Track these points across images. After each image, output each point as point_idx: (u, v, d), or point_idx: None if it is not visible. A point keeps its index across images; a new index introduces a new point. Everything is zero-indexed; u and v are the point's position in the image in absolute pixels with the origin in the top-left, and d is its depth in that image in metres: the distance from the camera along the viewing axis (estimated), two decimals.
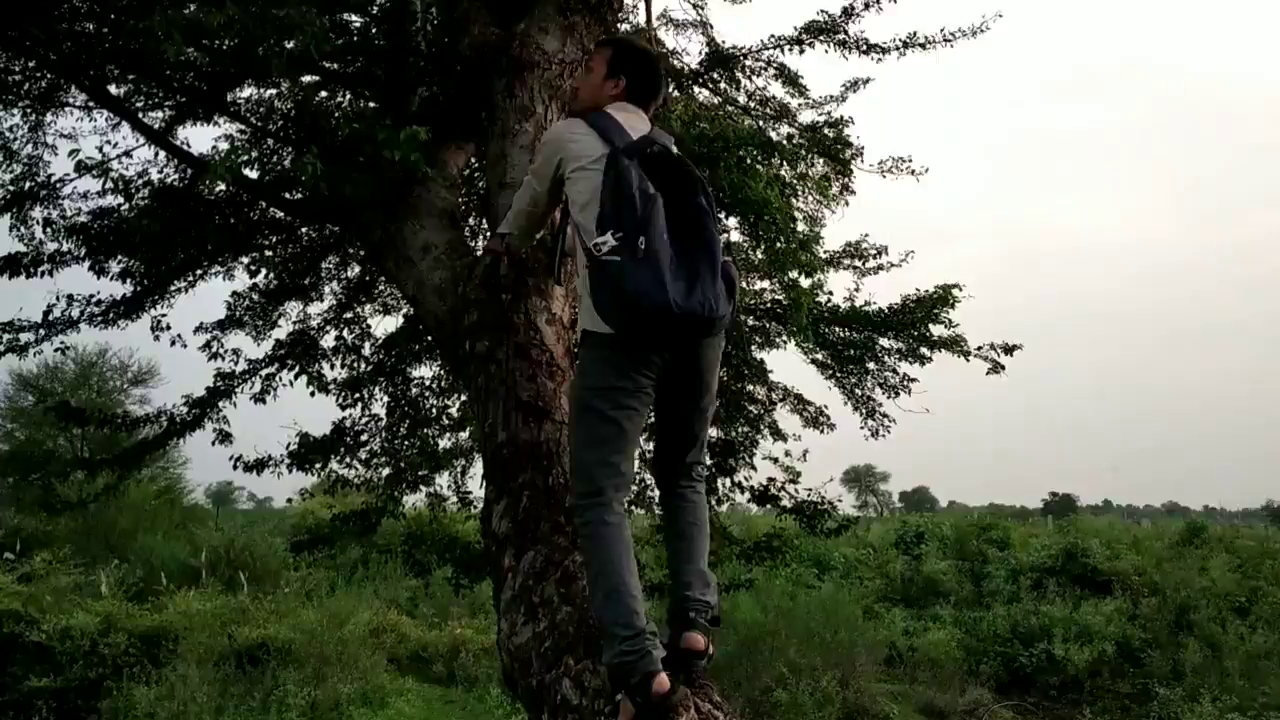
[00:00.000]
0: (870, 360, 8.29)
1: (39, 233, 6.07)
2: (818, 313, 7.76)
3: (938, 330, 7.94)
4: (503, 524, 3.54)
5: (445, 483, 8.80)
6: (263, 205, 6.15)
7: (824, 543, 18.75)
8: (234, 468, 7.51)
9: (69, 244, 6.00)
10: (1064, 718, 14.46)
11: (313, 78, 6.16)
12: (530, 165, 3.55)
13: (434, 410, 8.13)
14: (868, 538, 25.30)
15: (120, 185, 5.67)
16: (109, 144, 6.13)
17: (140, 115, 5.86)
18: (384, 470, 8.17)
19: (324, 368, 7.59)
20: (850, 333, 8.25)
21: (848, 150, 7.58)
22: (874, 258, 8.41)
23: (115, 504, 17.42)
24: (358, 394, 7.75)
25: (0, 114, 6.02)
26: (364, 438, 7.88)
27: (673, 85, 7.23)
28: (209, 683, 11.08)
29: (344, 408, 7.75)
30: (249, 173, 5.47)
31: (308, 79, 6.13)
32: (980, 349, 7.97)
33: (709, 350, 3.16)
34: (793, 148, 7.14)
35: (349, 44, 6.09)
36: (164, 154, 6.08)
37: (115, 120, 6.02)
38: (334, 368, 7.65)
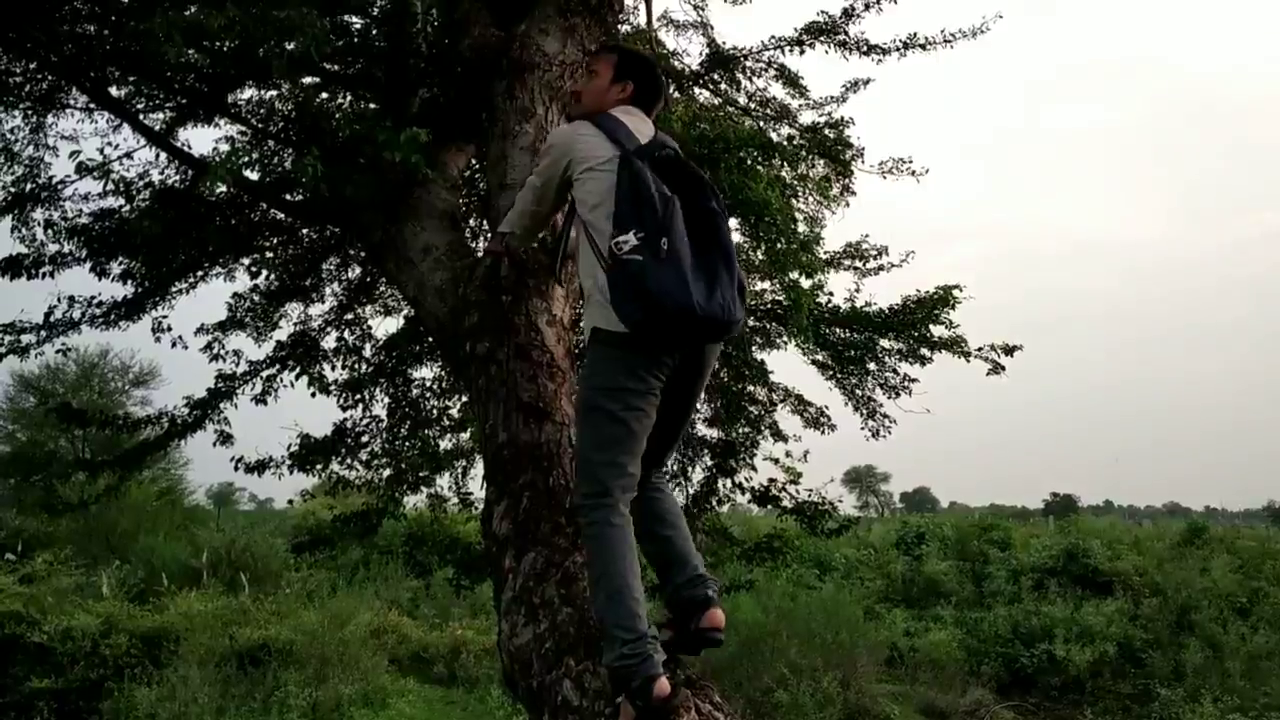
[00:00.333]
0: (871, 361, 8.29)
1: (40, 234, 6.08)
2: (818, 313, 7.76)
3: (938, 331, 7.94)
4: (503, 525, 3.54)
5: (446, 484, 8.80)
6: (263, 207, 6.15)
7: (825, 543, 18.75)
8: (235, 469, 7.54)
9: (70, 245, 6.00)
10: (1065, 718, 14.45)
11: (313, 79, 6.15)
12: (535, 166, 3.52)
13: (435, 411, 8.13)
14: (869, 538, 25.30)
15: (121, 187, 5.67)
16: (110, 146, 6.14)
17: (141, 117, 5.86)
18: (385, 471, 8.17)
19: (325, 369, 7.60)
20: (851, 333, 8.24)
21: (848, 151, 7.59)
22: (874, 258, 8.41)
23: (116, 505, 17.45)
24: (359, 395, 7.75)
25: (1, 115, 6.02)
26: (365, 439, 7.88)
27: (673, 86, 7.24)
28: (210, 684, 11.09)
29: (345, 409, 7.75)
30: (250, 174, 5.47)
31: (308, 80, 6.13)
32: (981, 350, 7.96)
33: (711, 354, 3.22)
34: (793, 149, 7.14)
35: (349, 45, 6.09)
36: (165, 155, 6.07)
37: (116, 122, 6.03)
38: (335, 369, 7.66)
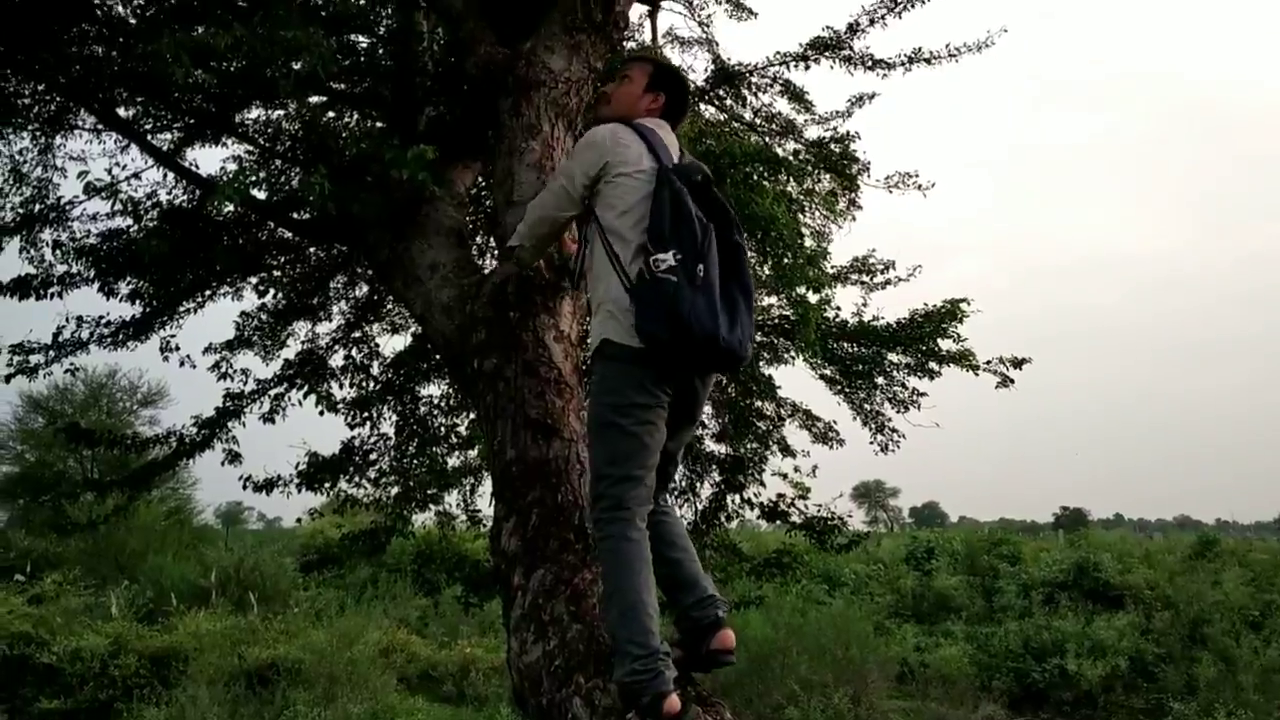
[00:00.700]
0: (879, 375, 8.29)
1: (48, 254, 6.10)
2: (826, 328, 7.76)
3: (946, 345, 7.95)
4: (512, 542, 3.53)
5: (454, 501, 8.80)
6: (271, 225, 6.17)
7: (834, 559, 18.67)
8: (243, 488, 7.55)
9: (78, 265, 6.01)
10: None
11: (320, 98, 6.18)
12: (564, 168, 3.43)
13: (442, 429, 8.13)
14: (878, 553, 25.22)
15: (129, 207, 5.69)
16: (118, 166, 6.16)
17: (149, 137, 5.89)
18: (393, 489, 8.17)
19: (333, 387, 7.60)
20: (858, 348, 8.24)
21: (854, 166, 7.60)
22: (881, 273, 8.41)
23: (125, 525, 17.43)
24: (366, 413, 7.75)
25: (10, 137, 6.05)
26: (373, 457, 7.88)
27: None
28: (219, 704, 11.08)
29: (353, 427, 7.76)
30: (257, 193, 5.49)
31: (315, 99, 6.15)
32: (989, 363, 7.96)
33: (711, 379, 3.28)
34: (799, 164, 7.16)
35: (356, 64, 6.12)
36: (172, 175, 6.11)
37: (124, 143, 6.05)
38: (343, 387, 7.67)
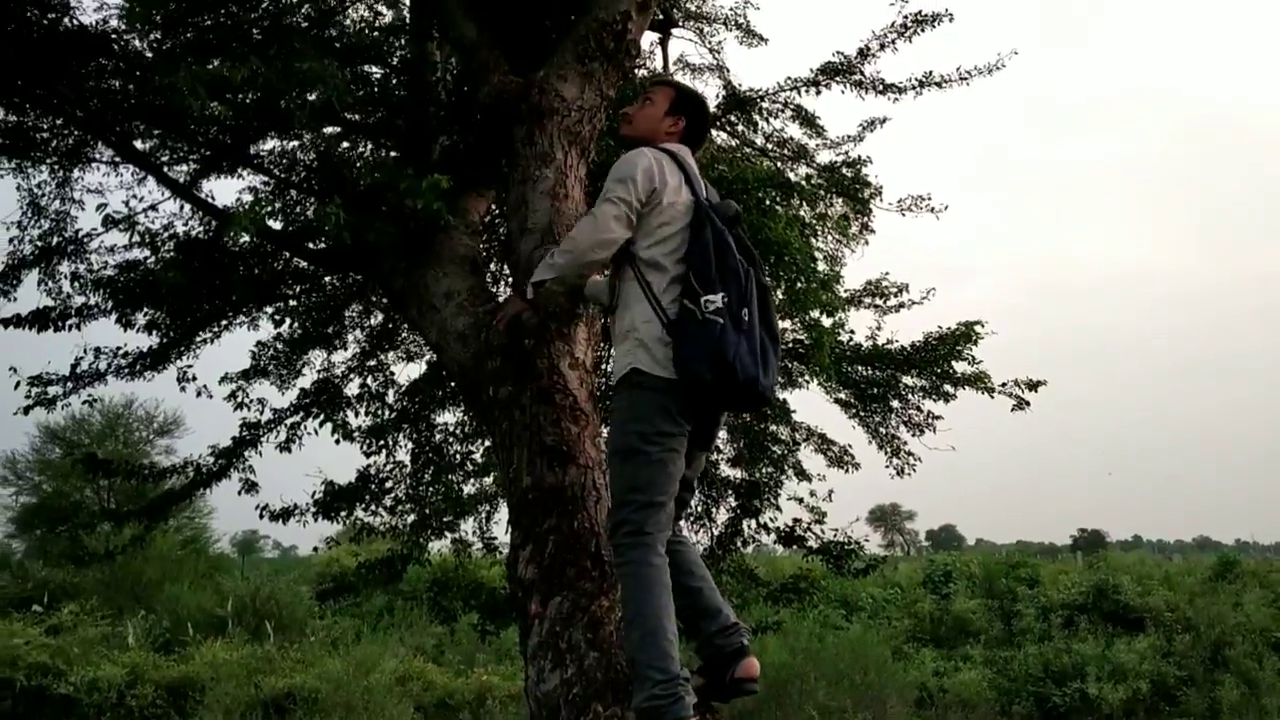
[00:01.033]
0: (894, 398, 8.27)
1: (66, 286, 6.14)
2: (840, 352, 7.75)
3: (961, 367, 7.93)
4: (529, 569, 3.53)
5: (470, 529, 8.80)
6: (286, 255, 6.20)
7: (851, 583, 18.60)
8: (260, 517, 7.56)
9: (96, 297, 6.06)
10: None
11: (334, 129, 6.23)
12: (615, 192, 3.24)
13: (458, 456, 8.14)
14: (895, 577, 25.11)
15: (147, 239, 5.74)
16: (135, 199, 6.21)
17: (166, 169, 5.93)
18: (409, 517, 8.17)
19: (348, 415, 7.61)
20: (873, 371, 8.23)
21: (866, 190, 7.61)
22: (895, 295, 8.40)
23: (142, 555, 17.44)
24: (382, 441, 7.76)
25: (29, 170, 6.10)
26: (389, 484, 7.89)
27: None
28: None
29: (369, 455, 7.77)
30: (273, 223, 5.52)
31: (330, 130, 6.20)
32: (1004, 385, 7.94)
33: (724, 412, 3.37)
34: (811, 188, 7.17)
35: (370, 95, 6.18)
36: (189, 207, 6.15)
37: (141, 175, 6.10)
38: (358, 415, 7.68)
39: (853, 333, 8.07)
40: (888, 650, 15.94)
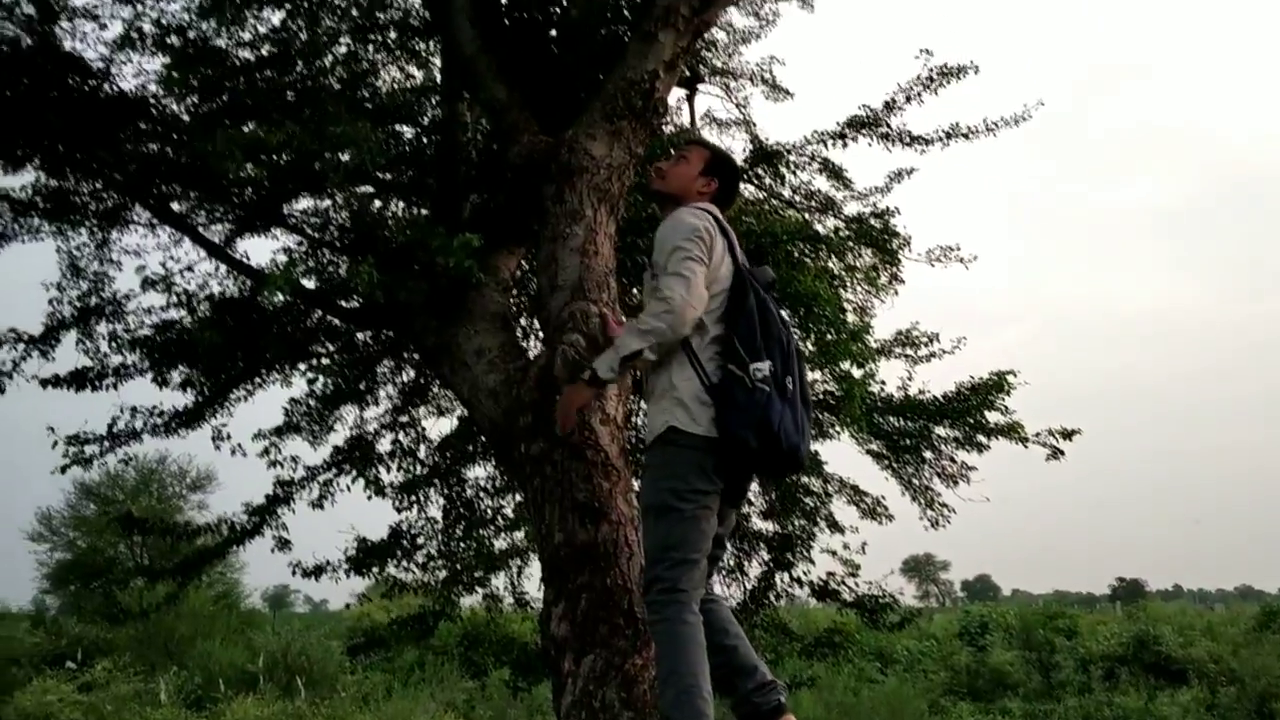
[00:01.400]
0: (926, 449, 8.21)
1: (104, 346, 6.22)
2: (871, 403, 7.72)
3: (994, 417, 7.87)
4: (562, 627, 3.52)
5: (501, 584, 8.76)
6: (319, 312, 6.27)
7: (886, 635, 18.39)
8: (293, 574, 7.59)
9: (133, 357, 6.13)
10: None
11: (367, 188, 6.31)
12: (680, 260, 3.15)
13: (489, 511, 8.14)
14: (930, 629, 24.81)
15: (183, 300, 5.83)
16: (172, 259, 6.29)
17: (201, 230, 6.03)
18: (440, 573, 8.16)
19: (380, 471, 7.63)
20: (905, 422, 8.18)
21: (895, 240, 7.61)
22: (925, 345, 8.34)
23: (174, 611, 17.55)
24: (414, 496, 7.78)
25: (69, 233, 6.21)
26: (420, 540, 7.89)
27: None
28: None
29: (400, 510, 7.79)
30: (306, 282, 5.59)
31: (362, 189, 6.28)
32: (1038, 435, 7.87)
33: None
34: (840, 240, 7.18)
35: (401, 154, 6.27)
36: (224, 267, 6.23)
37: (177, 236, 6.19)
38: (390, 471, 7.70)
39: (883, 383, 8.04)
40: (924, 704, 15.72)
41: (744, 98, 8.58)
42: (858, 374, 7.13)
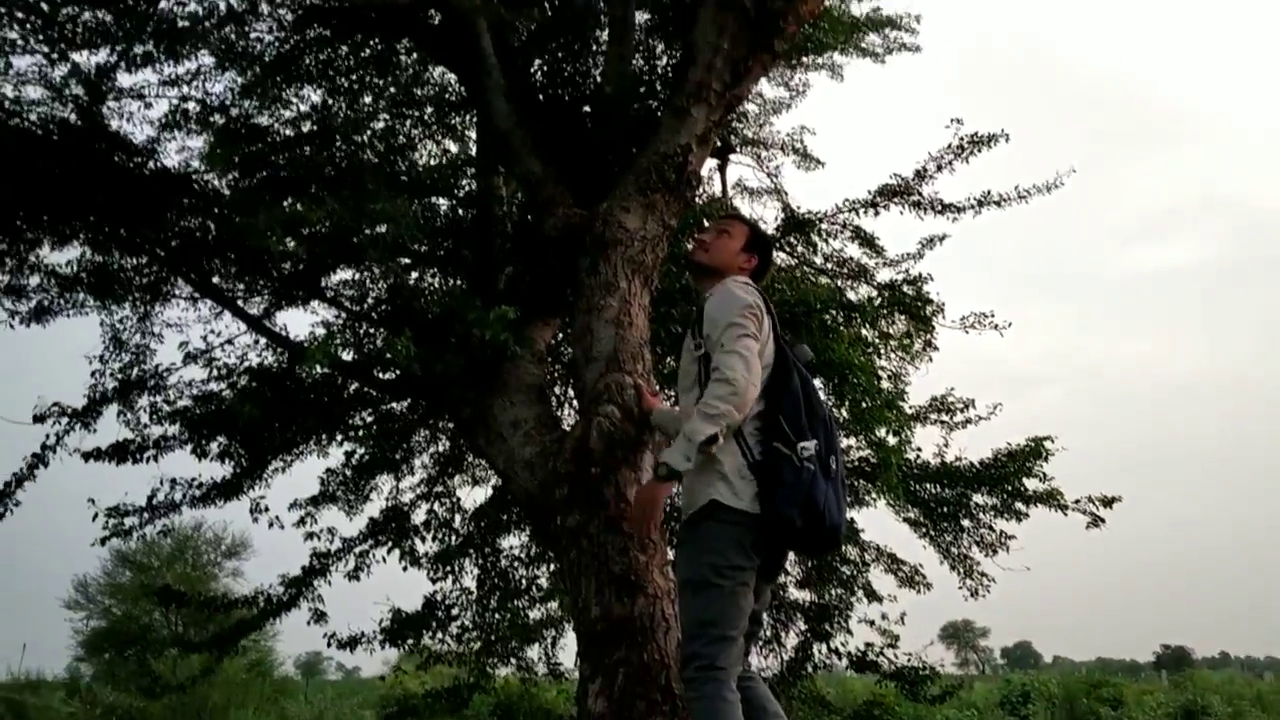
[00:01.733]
0: (964, 517, 8.11)
1: (144, 418, 6.28)
2: (907, 470, 7.66)
3: (1032, 484, 7.78)
4: (599, 703, 3.50)
5: (536, 654, 8.70)
6: (356, 383, 6.32)
7: (926, 706, 18.05)
8: (328, 645, 7.56)
9: (173, 429, 6.19)
10: None
11: (404, 260, 6.39)
12: (744, 324, 3.17)
13: (523, 581, 8.11)
14: (971, 698, 24.24)
15: (223, 373, 5.90)
16: (212, 333, 6.38)
17: (241, 303, 6.12)
18: (475, 644, 8.12)
19: (416, 542, 7.64)
20: (941, 489, 8.10)
21: (928, 307, 7.58)
22: (961, 411, 8.28)
23: (208, 680, 17.49)
24: (448, 566, 7.78)
25: (112, 307, 6.31)
26: (455, 611, 7.87)
27: None
28: None
29: (435, 581, 7.78)
30: (344, 355, 5.65)
31: (399, 261, 6.37)
32: (1078, 502, 7.77)
33: None
34: (873, 308, 7.18)
35: (438, 227, 6.35)
36: (263, 339, 6.31)
37: (218, 309, 6.28)
38: (424, 541, 7.70)
39: (919, 450, 7.98)
40: None
41: (775, 167, 8.69)
42: (893, 441, 7.09)
